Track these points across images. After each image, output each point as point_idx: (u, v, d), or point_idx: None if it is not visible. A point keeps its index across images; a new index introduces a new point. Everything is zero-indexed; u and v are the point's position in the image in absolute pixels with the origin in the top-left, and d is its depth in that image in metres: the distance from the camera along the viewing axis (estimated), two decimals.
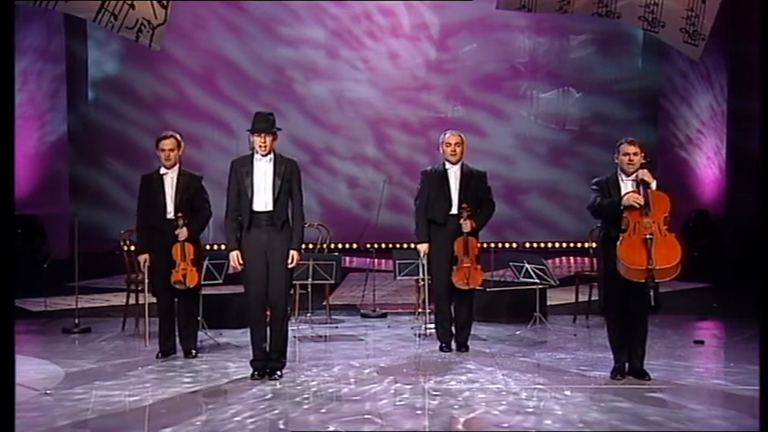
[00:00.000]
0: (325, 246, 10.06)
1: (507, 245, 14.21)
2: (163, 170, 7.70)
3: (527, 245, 14.56)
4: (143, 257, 7.78)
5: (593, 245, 9.59)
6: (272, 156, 6.92)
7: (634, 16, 9.74)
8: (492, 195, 8.07)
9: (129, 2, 8.92)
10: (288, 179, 6.91)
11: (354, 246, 13.47)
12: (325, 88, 14.69)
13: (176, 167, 7.71)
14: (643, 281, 6.52)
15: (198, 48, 14.45)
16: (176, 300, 7.80)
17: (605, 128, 14.48)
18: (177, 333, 7.85)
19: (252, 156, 6.95)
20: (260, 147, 6.87)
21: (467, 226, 7.73)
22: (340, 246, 12.98)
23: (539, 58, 14.77)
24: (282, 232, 6.91)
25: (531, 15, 12.51)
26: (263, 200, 6.88)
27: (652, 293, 6.48)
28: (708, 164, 14.03)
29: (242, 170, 6.93)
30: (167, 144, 7.64)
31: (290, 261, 6.90)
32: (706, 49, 9.84)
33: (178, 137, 7.75)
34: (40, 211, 13.15)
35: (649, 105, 14.71)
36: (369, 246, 10.83)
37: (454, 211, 7.87)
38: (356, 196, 14.69)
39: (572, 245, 14.33)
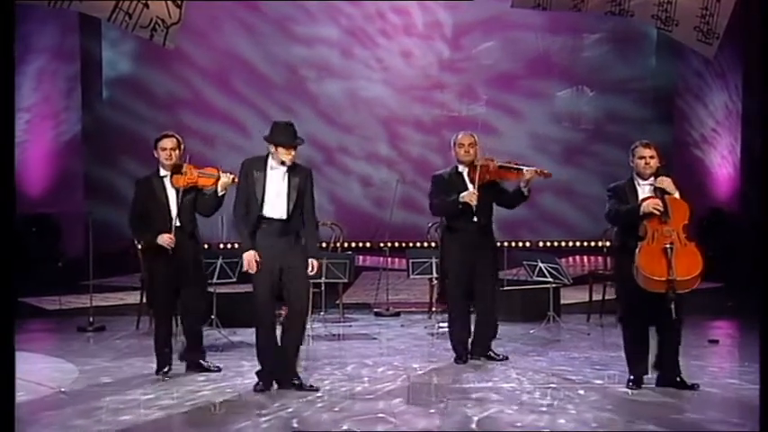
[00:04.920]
0: (338, 244, 10.08)
1: (521, 244, 14.20)
2: (163, 172, 7.20)
3: (540, 244, 14.53)
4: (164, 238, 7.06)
5: (607, 244, 9.59)
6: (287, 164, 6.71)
7: (647, 15, 9.69)
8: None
9: (144, 1, 8.93)
10: (302, 189, 6.71)
11: (368, 245, 13.48)
12: (339, 87, 14.69)
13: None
14: (663, 291, 6.33)
15: (212, 46, 14.47)
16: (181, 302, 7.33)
17: (619, 127, 14.44)
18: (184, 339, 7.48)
19: (266, 160, 6.72)
20: (286, 159, 6.64)
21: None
22: (353, 245, 13.01)
23: (552, 57, 14.74)
24: (298, 243, 6.72)
25: (544, 14, 12.47)
26: (275, 209, 6.66)
27: (673, 306, 6.29)
28: (722, 163, 13.98)
29: (255, 174, 6.69)
30: (169, 143, 7.17)
31: (311, 270, 6.71)
32: (721, 48, 9.79)
33: (179, 137, 7.30)
34: (55, 210, 13.20)
35: (664, 104, 14.65)
36: (382, 245, 10.82)
37: (474, 218, 7.56)
38: (369, 195, 14.69)
39: (585, 244, 14.30)
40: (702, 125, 14.22)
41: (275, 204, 6.67)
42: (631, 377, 6.77)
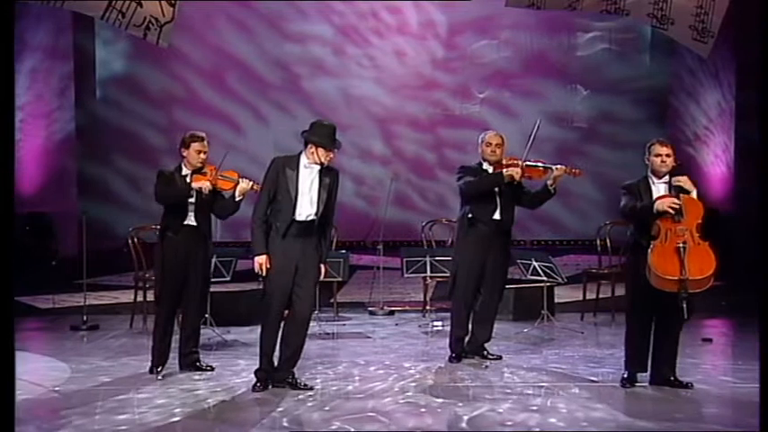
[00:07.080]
0: (332, 243, 10.05)
1: (515, 243, 14.16)
2: (185, 171, 7.16)
3: (534, 242, 14.51)
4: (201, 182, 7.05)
5: (600, 242, 9.60)
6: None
7: (642, 13, 9.70)
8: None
9: (137, 0, 8.93)
10: (331, 190, 6.67)
11: (361, 243, 13.46)
12: (332, 85, 14.68)
13: None
14: (675, 291, 6.27)
15: (206, 45, 14.46)
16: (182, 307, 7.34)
17: (613, 126, 14.45)
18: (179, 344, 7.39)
19: (298, 160, 6.65)
20: (326, 160, 6.62)
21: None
22: (347, 243, 12.97)
23: (546, 56, 14.74)
24: (318, 246, 6.64)
25: (538, 13, 12.46)
26: (305, 210, 6.56)
27: (685, 305, 6.21)
28: (716, 161, 13.99)
29: (287, 173, 6.57)
30: (205, 146, 7.15)
31: (321, 277, 6.70)
32: (714, 46, 9.81)
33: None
34: (49, 209, 13.18)
35: (657, 103, 14.65)
36: (375, 242, 10.80)
37: (497, 216, 7.59)
38: (363, 193, 14.68)
39: (579, 242, 14.28)
40: (695, 123, 14.23)
41: (306, 206, 6.58)
42: (625, 375, 6.75)
